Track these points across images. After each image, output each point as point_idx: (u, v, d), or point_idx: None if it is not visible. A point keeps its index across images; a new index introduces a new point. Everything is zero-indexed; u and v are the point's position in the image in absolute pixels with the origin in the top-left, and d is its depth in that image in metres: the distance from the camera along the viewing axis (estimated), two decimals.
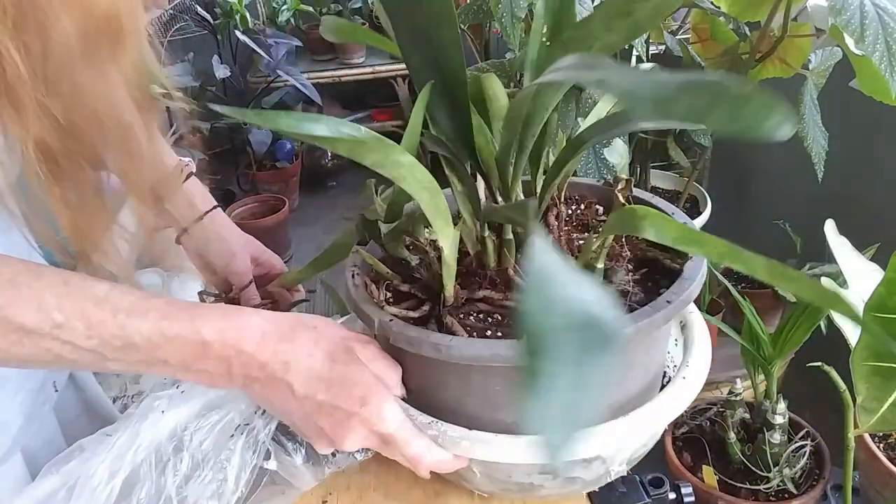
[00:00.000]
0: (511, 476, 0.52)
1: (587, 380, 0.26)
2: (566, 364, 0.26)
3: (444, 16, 0.42)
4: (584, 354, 0.26)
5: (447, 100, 0.47)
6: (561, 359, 0.26)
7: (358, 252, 0.56)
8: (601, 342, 0.27)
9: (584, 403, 0.26)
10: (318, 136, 0.36)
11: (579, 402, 0.26)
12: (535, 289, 0.28)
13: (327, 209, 2.78)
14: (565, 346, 0.26)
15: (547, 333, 0.26)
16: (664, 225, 0.41)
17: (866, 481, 1.00)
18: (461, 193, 0.51)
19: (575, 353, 0.26)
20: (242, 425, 0.59)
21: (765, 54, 1.16)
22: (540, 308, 0.27)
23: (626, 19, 0.37)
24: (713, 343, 0.56)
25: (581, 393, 0.26)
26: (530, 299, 0.27)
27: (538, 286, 0.28)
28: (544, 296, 0.27)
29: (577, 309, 0.27)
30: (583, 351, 0.26)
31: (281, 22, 2.66)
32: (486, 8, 1.11)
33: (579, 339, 0.26)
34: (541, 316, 0.27)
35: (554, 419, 0.25)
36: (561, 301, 0.27)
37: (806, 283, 0.34)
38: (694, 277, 0.49)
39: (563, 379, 0.26)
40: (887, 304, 0.74)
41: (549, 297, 0.27)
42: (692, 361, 0.54)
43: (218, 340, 0.46)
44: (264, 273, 0.78)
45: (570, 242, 0.54)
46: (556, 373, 0.26)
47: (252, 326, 0.48)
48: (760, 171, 1.77)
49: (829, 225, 0.89)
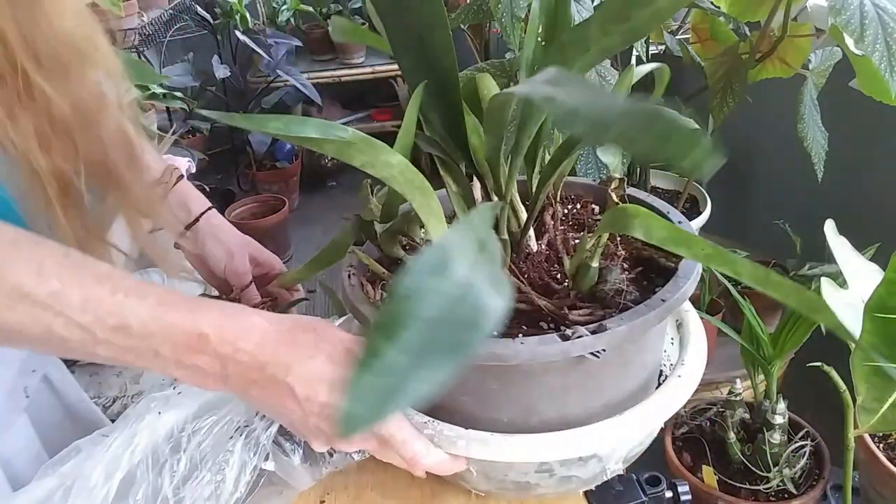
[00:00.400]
0: (507, 475, 0.52)
1: (420, 379, 0.26)
2: (403, 352, 0.26)
3: (436, 18, 0.42)
4: (429, 351, 0.26)
5: (440, 100, 0.47)
6: (400, 345, 0.26)
7: (354, 252, 0.57)
8: (454, 346, 0.27)
9: (402, 398, 0.26)
10: (307, 137, 0.36)
11: (400, 394, 0.26)
12: (416, 269, 0.28)
13: (327, 209, 2.78)
14: (414, 336, 0.26)
15: (403, 317, 0.26)
16: (653, 224, 0.41)
17: (866, 481, 0.99)
18: (456, 194, 0.51)
19: (421, 347, 0.26)
20: (242, 427, 0.59)
21: (765, 54, 1.16)
22: (410, 290, 0.27)
23: (623, 24, 0.37)
24: (712, 343, 0.56)
25: (407, 387, 0.26)
26: (406, 277, 0.27)
27: (422, 268, 0.28)
28: (419, 280, 0.27)
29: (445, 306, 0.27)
30: (429, 348, 0.26)
31: (281, 22, 2.66)
32: (486, 8, 1.11)
33: (433, 335, 0.26)
34: (406, 298, 0.27)
35: (364, 393, 0.25)
36: (434, 292, 0.27)
37: (791, 290, 0.34)
38: (689, 276, 0.49)
39: (393, 364, 0.26)
40: (887, 304, 0.74)
41: (424, 283, 0.27)
42: (688, 359, 0.54)
43: (216, 335, 0.45)
44: (263, 273, 0.78)
45: (565, 241, 0.54)
46: (389, 356, 0.26)
47: (252, 325, 0.47)
48: (760, 171, 1.77)
49: (829, 225, 0.89)
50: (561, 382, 0.48)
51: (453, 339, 0.27)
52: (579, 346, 0.44)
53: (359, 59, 2.79)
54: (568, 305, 0.48)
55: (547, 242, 0.54)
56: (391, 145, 0.44)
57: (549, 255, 0.53)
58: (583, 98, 0.28)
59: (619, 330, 0.44)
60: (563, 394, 0.48)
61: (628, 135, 0.25)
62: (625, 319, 0.45)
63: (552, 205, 0.56)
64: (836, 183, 1.34)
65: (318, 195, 2.91)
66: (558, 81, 0.32)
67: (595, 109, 0.27)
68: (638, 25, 0.37)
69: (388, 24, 0.46)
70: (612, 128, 0.25)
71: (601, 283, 0.49)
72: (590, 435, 0.48)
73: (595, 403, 0.50)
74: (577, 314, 0.47)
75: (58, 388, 0.69)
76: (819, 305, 0.33)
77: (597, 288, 0.49)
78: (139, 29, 1.96)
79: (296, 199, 2.80)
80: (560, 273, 0.52)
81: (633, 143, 0.25)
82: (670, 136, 0.25)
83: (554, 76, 0.33)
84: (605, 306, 0.48)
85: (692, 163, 0.24)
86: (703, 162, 0.24)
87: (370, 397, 0.25)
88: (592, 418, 0.49)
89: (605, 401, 0.50)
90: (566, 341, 0.44)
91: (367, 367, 0.26)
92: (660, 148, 0.25)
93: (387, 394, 0.26)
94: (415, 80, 0.46)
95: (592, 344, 0.44)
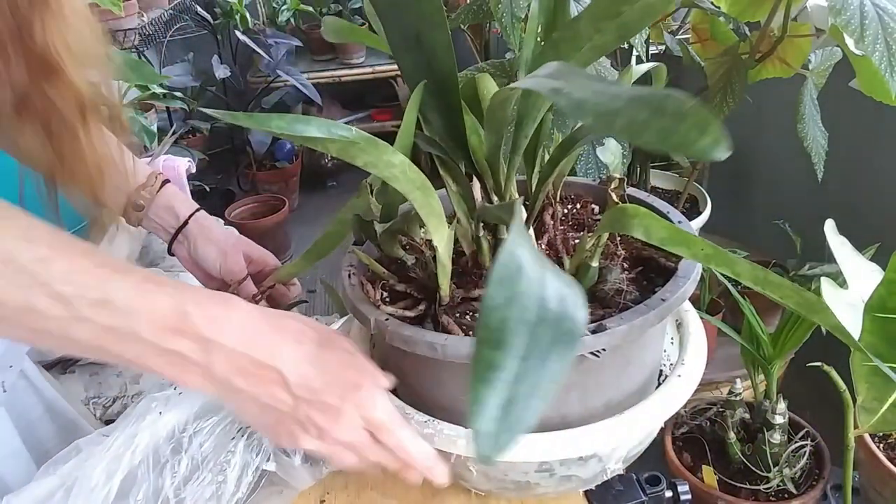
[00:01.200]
0: (507, 474, 0.52)
1: (535, 376, 0.26)
2: (516, 357, 0.26)
3: (434, 18, 0.42)
4: (537, 350, 0.26)
5: (439, 100, 0.47)
6: (513, 352, 0.26)
7: (354, 252, 0.57)
8: (558, 341, 0.27)
9: (528, 401, 0.26)
10: (310, 137, 0.36)
11: (523, 398, 0.26)
12: (499, 280, 0.28)
13: (327, 209, 2.78)
14: (519, 339, 0.26)
15: (503, 324, 0.26)
16: (653, 224, 0.41)
17: (866, 481, 0.99)
18: (455, 193, 0.51)
19: (527, 348, 0.26)
20: (244, 427, 0.59)
21: (765, 54, 1.16)
22: (502, 299, 0.27)
23: (614, 21, 0.37)
24: (712, 343, 0.56)
25: (526, 389, 0.26)
26: (493, 289, 0.27)
27: (503, 277, 0.28)
28: (508, 287, 0.27)
29: (538, 304, 0.27)
30: (536, 346, 0.26)
31: (281, 22, 2.66)
32: (486, 8, 1.11)
33: (536, 334, 0.27)
34: (501, 307, 0.27)
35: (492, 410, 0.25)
36: (524, 295, 0.27)
37: (790, 290, 0.34)
38: (689, 276, 0.49)
39: (511, 372, 0.26)
40: (887, 304, 0.74)
41: (512, 289, 0.27)
42: (688, 359, 0.54)
43: (199, 314, 0.43)
44: (258, 270, 0.78)
45: (565, 241, 0.54)
46: (506, 366, 0.26)
47: (237, 307, 0.46)
48: (760, 171, 1.77)
49: (829, 225, 0.89)
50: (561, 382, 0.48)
51: (557, 332, 0.27)
52: (579, 346, 0.44)
53: (359, 59, 2.79)
54: None
55: (547, 242, 0.54)
56: (391, 145, 0.44)
57: (548, 254, 0.54)
58: (589, 88, 0.28)
59: (619, 329, 0.44)
60: (563, 394, 0.48)
61: (635, 124, 0.25)
62: (625, 319, 0.45)
63: (552, 204, 0.56)
64: (836, 183, 1.34)
65: (318, 195, 2.91)
66: (561, 74, 0.32)
67: (602, 99, 0.27)
68: (629, 22, 0.37)
69: (387, 23, 0.46)
70: (620, 116, 0.25)
71: (601, 283, 0.49)
72: (590, 435, 0.48)
73: (595, 403, 0.50)
74: None
75: (35, 385, 0.69)
76: (818, 306, 0.33)
77: (597, 288, 0.49)
78: (139, 29, 1.96)
79: (296, 199, 2.81)
80: None
81: (642, 132, 0.25)
82: (684, 118, 0.24)
83: (556, 69, 0.33)
84: (605, 306, 0.49)
85: (704, 149, 0.24)
86: (716, 148, 0.24)
87: (505, 412, 0.25)
88: (592, 418, 0.49)
89: (605, 401, 0.50)
90: None
91: (489, 382, 0.26)
92: (668, 136, 0.24)
93: (520, 403, 0.25)
94: (414, 80, 0.46)
95: (592, 344, 0.44)
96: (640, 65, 0.56)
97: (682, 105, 0.24)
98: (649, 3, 0.35)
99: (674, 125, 0.24)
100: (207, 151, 2.50)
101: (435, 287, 0.51)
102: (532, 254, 0.29)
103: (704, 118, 0.24)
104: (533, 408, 0.25)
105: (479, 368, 0.26)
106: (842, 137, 1.27)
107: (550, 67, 0.34)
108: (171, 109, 2.31)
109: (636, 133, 0.25)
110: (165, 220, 0.74)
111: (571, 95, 0.28)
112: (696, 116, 0.24)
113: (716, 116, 0.24)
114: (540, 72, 0.34)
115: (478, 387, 0.26)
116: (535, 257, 0.29)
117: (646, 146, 0.25)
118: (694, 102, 0.25)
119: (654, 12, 0.37)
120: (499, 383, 0.26)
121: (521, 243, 0.29)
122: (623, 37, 0.38)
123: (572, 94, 0.28)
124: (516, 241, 0.29)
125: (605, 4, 0.36)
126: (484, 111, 0.52)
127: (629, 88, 0.27)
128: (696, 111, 0.24)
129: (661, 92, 0.25)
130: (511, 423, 0.25)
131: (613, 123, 0.26)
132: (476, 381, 0.26)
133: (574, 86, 0.29)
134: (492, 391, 0.25)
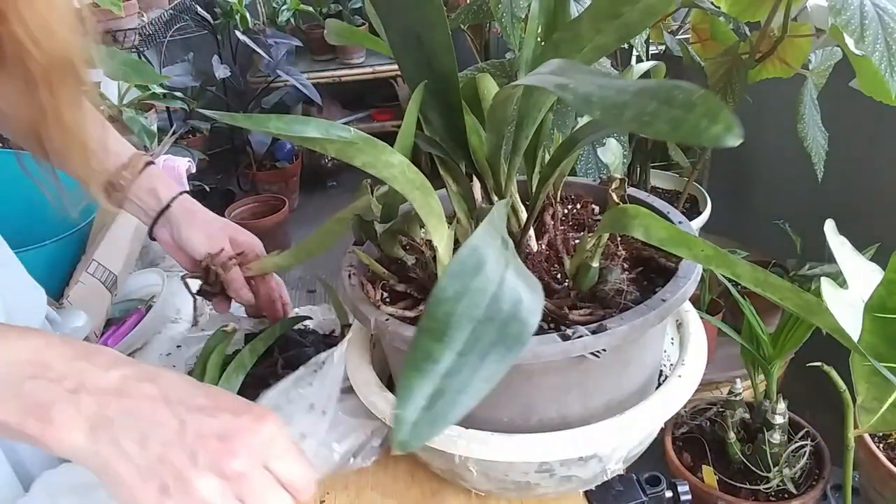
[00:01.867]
0: (507, 475, 0.52)
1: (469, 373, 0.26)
2: (453, 352, 0.26)
3: (435, 18, 0.42)
4: (477, 347, 0.26)
5: (440, 100, 0.47)
6: (451, 345, 0.26)
7: (354, 252, 0.57)
8: (501, 342, 0.27)
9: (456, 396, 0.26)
10: (309, 137, 0.36)
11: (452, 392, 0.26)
12: (453, 273, 0.28)
13: (327, 209, 2.78)
14: (459, 334, 0.26)
15: (448, 317, 0.26)
16: (653, 225, 0.41)
17: (866, 481, 1.00)
18: (455, 193, 0.51)
19: (467, 344, 0.26)
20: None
21: (765, 54, 1.16)
22: (452, 292, 0.27)
23: (614, 21, 0.37)
24: (712, 343, 0.56)
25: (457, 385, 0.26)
26: (445, 281, 0.27)
27: (458, 272, 0.28)
28: (460, 281, 0.27)
29: (489, 303, 0.27)
30: (476, 344, 0.26)
31: (281, 22, 2.66)
32: (486, 8, 1.11)
33: (479, 331, 0.27)
34: (449, 300, 0.27)
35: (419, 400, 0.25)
36: (476, 291, 0.27)
37: (789, 292, 0.34)
38: (689, 276, 0.49)
39: (445, 365, 0.26)
40: (887, 304, 0.74)
41: (465, 284, 0.27)
42: (688, 359, 0.54)
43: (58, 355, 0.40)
44: (243, 255, 0.74)
45: (566, 241, 0.54)
46: (441, 358, 0.26)
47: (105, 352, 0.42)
48: (760, 171, 1.77)
49: (829, 225, 0.89)
50: (561, 382, 0.48)
51: (502, 334, 0.27)
52: (579, 346, 0.44)
53: (359, 60, 2.79)
54: (568, 305, 0.48)
55: (547, 242, 0.54)
56: (391, 145, 0.44)
57: (549, 255, 0.53)
58: (594, 83, 0.28)
59: (619, 330, 0.44)
60: (563, 394, 0.48)
61: (643, 115, 0.25)
62: (625, 319, 0.45)
63: (552, 205, 0.56)
64: (836, 183, 1.34)
65: (317, 195, 2.91)
66: (565, 70, 0.32)
67: (608, 92, 0.27)
68: (630, 22, 0.37)
69: (388, 24, 0.46)
70: (628, 108, 0.25)
71: (601, 283, 0.49)
72: (590, 435, 0.48)
73: (595, 403, 0.50)
74: (578, 314, 0.47)
75: None
76: (817, 308, 0.33)
77: (597, 288, 0.49)
78: (139, 29, 1.96)
79: (296, 199, 2.80)
80: (560, 273, 0.52)
81: (650, 124, 0.25)
82: (689, 113, 0.24)
83: (559, 66, 0.33)
84: (605, 306, 0.48)
85: (714, 137, 0.24)
86: (726, 136, 0.24)
87: (432, 403, 0.25)
88: (592, 418, 0.49)
89: (605, 401, 0.50)
90: (566, 341, 0.44)
91: (422, 371, 0.26)
92: (678, 126, 0.24)
93: (449, 397, 0.25)
94: (415, 81, 0.46)
95: (592, 344, 0.44)
96: (639, 64, 0.56)
97: (691, 94, 0.24)
98: (650, 3, 0.35)
99: (683, 114, 0.24)
100: (207, 151, 2.50)
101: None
102: (498, 252, 0.29)
103: (714, 106, 0.24)
104: (460, 403, 0.25)
105: (414, 356, 0.26)
106: (842, 137, 1.27)
107: (553, 64, 0.34)
108: (171, 109, 2.31)
109: (646, 124, 0.25)
110: (146, 203, 0.71)
111: (577, 90, 0.28)
112: (706, 105, 0.24)
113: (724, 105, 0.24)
114: (543, 69, 0.34)
115: (409, 374, 0.26)
116: (499, 256, 0.29)
117: (656, 136, 0.25)
118: (702, 91, 0.25)
119: (655, 13, 0.37)
120: (431, 374, 0.25)
121: (487, 241, 0.29)
122: (623, 37, 0.38)
123: (578, 89, 0.28)
124: (482, 238, 0.29)
125: (605, 5, 0.36)
126: (484, 111, 0.52)
127: (635, 81, 0.27)
128: (706, 99, 0.24)
129: (668, 83, 0.25)
130: (434, 416, 0.25)
131: (622, 116, 0.25)
132: (408, 369, 0.26)
133: (579, 81, 0.29)
134: (422, 381, 0.25)
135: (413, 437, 0.25)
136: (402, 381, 0.26)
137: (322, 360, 0.60)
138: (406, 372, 0.26)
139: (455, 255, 0.28)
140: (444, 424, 0.25)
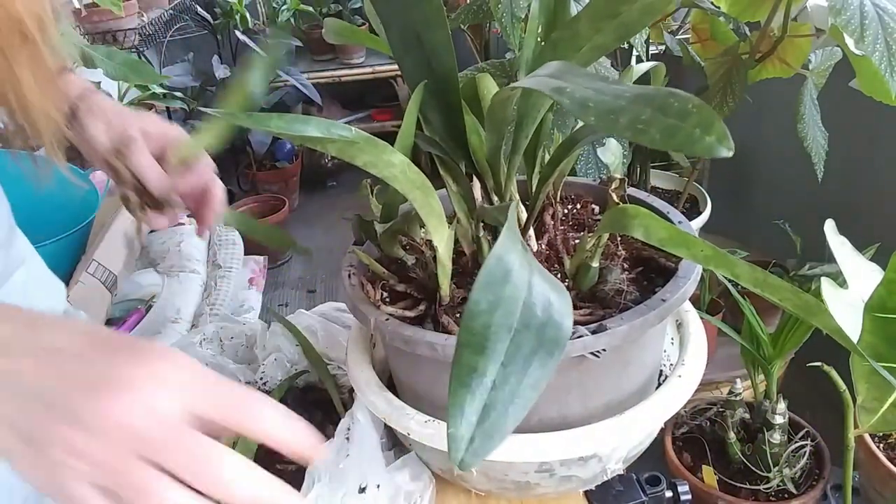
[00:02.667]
0: (507, 475, 0.52)
1: (515, 383, 0.26)
2: (497, 363, 0.26)
3: (435, 17, 0.42)
4: (518, 356, 0.26)
5: (440, 100, 0.47)
6: (494, 357, 0.26)
7: (354, 252, 0.57)
8: (541, 348, 0.26)
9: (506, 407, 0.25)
10: (309, 136, 0.36)
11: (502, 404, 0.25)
12: (484, 284, 0.28)
13: (327, 209, 2.78)
14: (500, 345, 0.26)
15: (486, 329, 0.26)
16: (653, 225, 0.41)
17: (866, 481, 1.00)
18: (455, 193, 0.51)
19: (508, 354, 0.26)
20: None
21: (765, 54, 1.16)
22: (486, 303, 0.27)
23: (613, 21, 0.37)
24: (712, 343, 0.56)
25: (505, 395, 0.25)
26: (477, 293, 0.27)
27: (489, 282, 0.28)
28: (492, 292, 0.27)
29: (522, 310, 0.27)
30: (518, 353, 0.26)
31: (281, 22, 2.66)
32: (486, 8, 1.11)
33: (518, 340, 0.26)
34: (484, 312, 0.27)
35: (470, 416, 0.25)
36: (508, 300, 0.27)
37: (789, 293, 0.34)
38: (689, 276, 0.49)
39: (491, 378, 0.26)
40: (887, 304, 0.74)
41: (497, 293, 0.27)
42: (688, 359, 0.54)
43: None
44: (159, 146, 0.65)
45: (566, 241, 0.54)
46: (486, 371, 0.26)
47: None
48: (760, 171, 1.77)
49: (829, 225, 0.89)
50: (561, 382, 0.48)
51: (541, 339, 0.27)
52: (579, 346, 0.44)
53: (359, 59, 2.79)
54: None
55: (547, 242, 0.54)
56: (391, 145, 0.44)
57: (549, 255, 0.53)
58: (591, 87, 0.28)
59: (619, 330, 0.44)
60: (564, 393, 0.48)
61: (641, 120, 0.25)
62: (625, 319, 0.45)
63: (552, 205, 0.56)
64: (836, 183, 1.34)
65: (318, 195, 2.91)
66: (563, 73, 0.32)
67: (605, 97, 0.27)
68: (628, 21, 0.37)
69: (387, 23, 0.46)
70: (623, 115, 0.25)
71: (601, 283, 0.49)
72: (590, 435, 0.48)
73: (595, 403, 0.50)
74: (578, 314, 0.47)
75: None
76: (817, 309, 0.33)
77: (597, 288, 0.49)
78: (139, 29, 1.96)
79: (296, 199, 2.81)
80: (560, 273, 0.52)
81: (645, 131, 0.25)
82: (688, 116, 0.24)
83: (557, 68, 0.33)
84: (605, 306, 0.48)
85: (707, 147, 0.24)
86: (719, 144, 0.24)
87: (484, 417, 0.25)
88: (592, 418, 0.49)
89: (605, 401, 0.50)
90: None
91: (469, 387, 0.25)
92: (672, 135, 0.24)
93: (500, 408, 0.25)
94: (414, 80, 0.46)
95: (592, 344, 0.44)
96: (639, 64, 0.56)
97: (686, 103, 0.24)
98: (649, 2, 0.35)
99: (677, 123, 0.24)
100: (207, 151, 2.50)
101: (435, 287, 0.51)
102: (521, 258, 0.29)
103: (708, 116, 0.24)
104: (512, 414, 0.25)
105: (459, 372, 0.26)
106: (842, 137, 1.27)
107: (551, 67, 0.34)
108: (171, 109, 2.31)
109: (640, 131, 0.25)
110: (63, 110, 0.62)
111: (574, 94, 0.28)
112: (700, 114, 0.24)
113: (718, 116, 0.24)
114: (541, 71, 0.34)
115: (457, 391, 0.25)
116: (523, 262, 0.29)
117: (650, 145, 0.25)
118: (697, 101, 0.24)
119: (654, 12, 0.37)
120: (478, 389, 0.25)
121: (510, 248, 0.29)
122: (623, 37, 0.38)
123: (575, 93, 0.28)
124: (506, 246, 0.29)
125: (603, 4, 0.36)
126: (484, 111, 0.52)
127: (632, 87, 0.27)
128: (700, 109, 0.24)
129: (664, 90, 0.25)
130: (488, 430, 0.25)
131: (616, 122, 0.25)
132: (457, 385, 0.25)
133: (576, 84, 0.29)
134: (471, 396, 0.25)
135: (470, 454, 0.25)
136: (451, 399, 0.25)
137: (347, 427, 0.58)
138: (454, 389, 0.25)
139: (483, 266, 0.28)
140: (499, 438, 0.25)
